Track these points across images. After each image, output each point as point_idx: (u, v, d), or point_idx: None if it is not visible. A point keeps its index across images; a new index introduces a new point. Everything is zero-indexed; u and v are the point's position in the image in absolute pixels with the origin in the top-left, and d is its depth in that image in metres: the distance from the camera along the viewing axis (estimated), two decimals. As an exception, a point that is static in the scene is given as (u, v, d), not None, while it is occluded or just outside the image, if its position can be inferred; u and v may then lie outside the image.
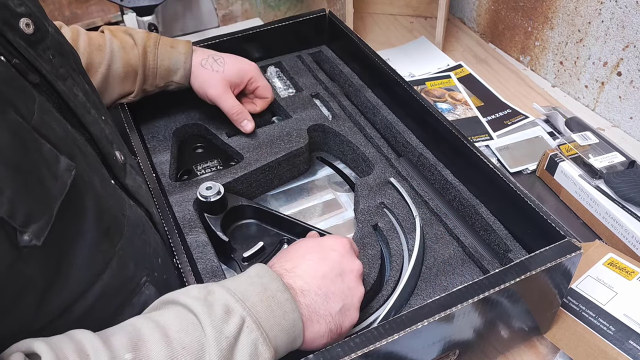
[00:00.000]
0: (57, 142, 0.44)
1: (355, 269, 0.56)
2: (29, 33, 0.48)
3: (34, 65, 0.47)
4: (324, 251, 0.55)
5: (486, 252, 0.69)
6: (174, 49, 0.80)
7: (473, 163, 0.70)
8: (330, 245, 0.57)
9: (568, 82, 1.05)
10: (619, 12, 0.90)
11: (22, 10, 0.48)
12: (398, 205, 0.74)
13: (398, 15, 1.31)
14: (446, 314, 0.50)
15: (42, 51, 0.49)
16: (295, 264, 0.53)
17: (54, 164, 0.42)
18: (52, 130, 0.44)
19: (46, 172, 0.41)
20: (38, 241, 0.40)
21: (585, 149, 0.86)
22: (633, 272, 0.67)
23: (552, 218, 0.61)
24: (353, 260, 0.56)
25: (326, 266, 0.54)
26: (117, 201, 0.52)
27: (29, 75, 0.46)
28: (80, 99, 0.53)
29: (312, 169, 0.87)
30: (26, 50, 0.47)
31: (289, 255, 0.56)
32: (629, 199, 0.76)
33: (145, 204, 0.61)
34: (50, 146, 0.43)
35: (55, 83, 0.50)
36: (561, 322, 0.65)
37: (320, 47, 1.01)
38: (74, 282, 0.45)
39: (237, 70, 0.83)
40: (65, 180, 0.43)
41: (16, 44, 0.46)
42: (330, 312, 0.52)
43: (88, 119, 0.53)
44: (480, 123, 0.99)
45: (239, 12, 1.32)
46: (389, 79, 0.84)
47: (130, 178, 0.59)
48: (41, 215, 0.40)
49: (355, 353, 0.47)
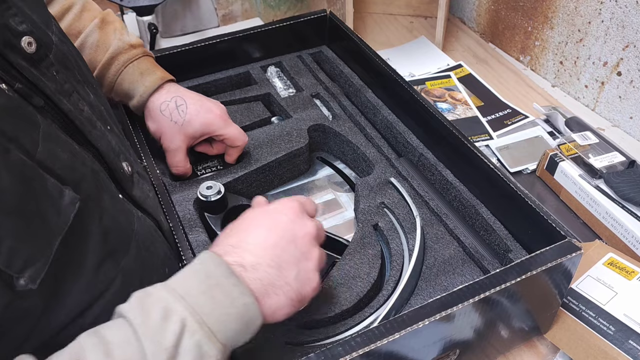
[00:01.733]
0: (63, 172, 0.43)
1: (308, 231, 0.53)
2: (31, 52, 0.46)
3: (37, 86, 0.46)
4: (272, 219, 0.52)
5: (486, 252, 0.69)
6: (142, 77, 0.74)
7: (473, 163, 0.70)
8: (278, 211, 0.53)
9: (568, 82, 1.05)
10: (619, 12, 0.90)
11: (24, 28, 0.45)
12: (398, 205, 0.74)
13: (398, 15, 1.31)
14: (446, 313, 0.50)
15: (46, 69, 0.48)
16: (241, 238, 0.50)
17: (58, 199, 0.41)
18: (57, 159, 0.43)
19: (49, 208, 0.41)
20: (34, 285, 0.39)
21: (585, 148, 0.86)
22: (633, 272, 0.68)
23: (553, 218, 0.61)
24: (304, 222, 0.53)
25: (275, 235, 0.51)
26: (126, 216, 0.52)
27: (33, 99, 0.45)
28: (86, 113, 0.52)
29: (313, 169, 0.87)
30: (29, 71, 0.45)
31: (235, 229, 0.52)
32: (629, 198, 0.77)
33: (153, 212, 0.59)
34: (54, 180, 0.42)
35: (60, 102, 0.48)
36: (561, 322, 0.65)
37: (320, 48, 1.01)
38: (71, 307, 0.44)
39: (198, 124, 0.74)
40: (68, 214, 0.42)
41: (18, 66, 0.44)
42: (286, 282, 0.49)
43: (94, 134, 0.52)
44: (480, 123, 0.99)
45: (239, 12, 1.32)
46: (390, 79, 0.84)
47: (138, 188, 0.58)
48: (39, 257, 0.40)
49: (357, 352, 0.47)
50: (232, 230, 0.52)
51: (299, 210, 0.54)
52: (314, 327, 0.61)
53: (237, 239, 0.50)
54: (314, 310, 0.62)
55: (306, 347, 0.59)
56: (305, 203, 0.56)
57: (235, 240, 0.50)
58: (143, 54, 0.76)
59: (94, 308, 0.46)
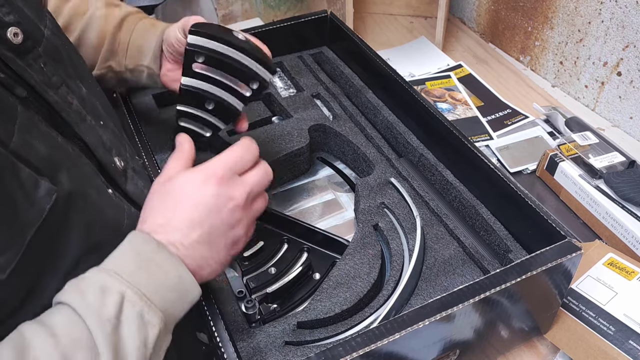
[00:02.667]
0: (39, 163, 0.43)
1: (235, 203, 0.52)
2: (17, 43, 0.46)
3: (22, 77, 0.46)
4: (197, 193, 0.51)
5: (486, 253, 0.69)
6: (153, 28, 0.72)
7: (473, 163, 0.71)
8: (204, 181, 0.51)
9: (568, 82, 1.05)
10: (619, 12, 0.90)
11: (11, 19, 0.46)
12: (398, 206, 0.74)
13: (398, 15, 1.31)
14: (447, 313, 0.50)
15: (33, 60, 0.48)
16: (167, 218, 0.50)
17: (32, 190, 0.41)
18: (33, 150, 0.43)
19: (22, 199, 0.41)
20: (2, 274, 0.39)
21: (585, 149, 0.86)
22: (633, 272, 0.68)
23: (553, 218, 0.61)
24: (230, 191, 0.52)
25: (200, 210, 0.50)
26: (115, 210, 0.52)
27: (16, 90, 0.45)
28: (74, 107, 0.52)
29: (313, 169, 0.87)
30: (14, 61, 0.45)
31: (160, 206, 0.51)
32: (629, 199, 0.77)
33: None
34: (29, 170, 0.41)
35: (45, 93, 0.48)
36: (561, 322, 0.65)
37: (321, 48, 1.01)
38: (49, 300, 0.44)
39: None
40: (43, 205, 0.42)
41: (3, 56, 0.44)
42: (217, 251, 0.51)
43: (82, 127, 0.52)
44: (480, 123, 0.99)
45: (239, 12, 1.32)
46: (390, 80, 0.84)
47: (132, 184, 0.58)
48: (10, 247, 0.40)
49: (357, 352, 0.47)
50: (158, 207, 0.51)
51: (224, 177, 0.52)
52: (314, 327, 0.61)
53: (164, 218, 0.50)
54: (314, 310, 0.62)
55: (306, 347, 0.59)
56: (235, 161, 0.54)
57: (163, 220, 0.50)
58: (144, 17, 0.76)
59: None
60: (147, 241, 0.47)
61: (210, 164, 0.53)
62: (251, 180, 0.54)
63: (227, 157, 0.54)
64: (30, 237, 0.41)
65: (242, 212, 0.53)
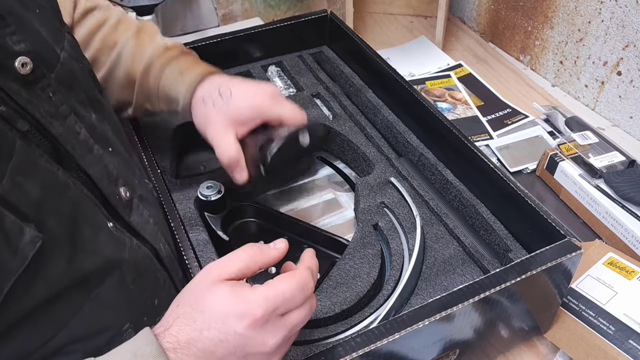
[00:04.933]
0: (27, 209, 0.41)
1: (265, 351, 0.44)
2: (24, 73, 0.43)
3: (26, 109, 0.43)
4: (226, 328, 0.43)
5: (486, 252, 0.69)
6: (182, 76, 0.69)
7: (473, 163, 0.71)
8: (238, 315, 0.44)
9: (568, 82, 1.05)
10: (619, 11, 0.90)
11: (21, 47, 0.43)
12: (398, 205, 0.74)
13: (398, 15, 1.31)
14: (446, 313, 0.50)
15: (41, 90, 0.45)
16: (192, 338, 0.43)
17: (15, 238, 0.39)
18: (23, 194, 0.40)
19: (4, 248, 0.38)
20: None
21: (585, 148, 0.86)
22: (633, 271, 0.68)
23: (552, 218, 0.61)
24: (263, 338, 0.44)
25: (225, 349, 0.43)
26: (114, 246, 0.49)
27: (17, 123, 0.42)
28: (82, 136, 0.49)
29: (313, 169, 0.87)
30: (18, 93, 0.43)
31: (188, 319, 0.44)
32: (629, 198, 0.77)
33: (151, 240, 0.56)
34: (14, 217, 0.39)
35: (50, 126, 0.45)
36: (561, 322, 0.65)
37: (321, 48, 1.01)
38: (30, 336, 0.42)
39: (246, 107, 0.67)
40: (26, 253, 0.40)
41: (6, 88, 0.42)
42: None
43: (88, 159, 0.49)
44: (480, 122, 0.99)
45: (239, 12, 1.32)
46: (390, 79, 0.84)
47: (137, 214, 0.55)
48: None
49: (357, 352, 0.47)
50: (190, 320, 0.44)
51: (262, 318, 0.44)
52: (314, 327, 0.61)
53: (187, 337, 0.43)
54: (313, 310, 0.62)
55: (306, 347, 0.59)
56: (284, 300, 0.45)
57: (185, 338, 0.43)
58: (181, 53, 0.72)
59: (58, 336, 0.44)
60: (149, 343, 0.42)
61: (255, 296, 0.44)
62: (292, 322, 0.46)
63: (277, 297, 0.45)
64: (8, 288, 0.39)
65: (271, 356, 0.45)
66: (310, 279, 0.47)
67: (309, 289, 0.47)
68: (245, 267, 0.47)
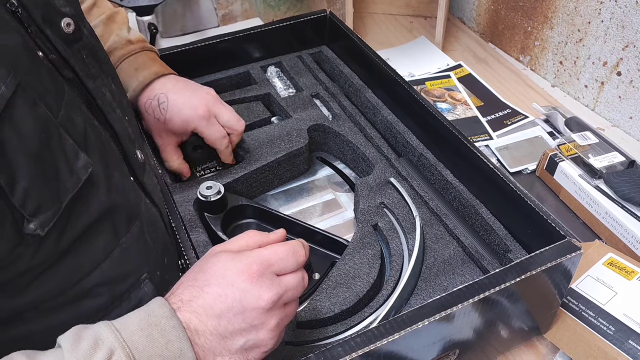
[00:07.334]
0: (79, 139, 0.46)
1: (261, 305, 0.47)
2: (68, 32, 0.50)
3: (68, 62, 0.50)
4: (226, 281, 0.47)
5: (486, 253, 0.69)
6: (136, 72, 0.73)
7: (473, 163, 0.71)
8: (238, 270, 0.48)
9: (568, 82, 1.05)
10: (619, 12, 0.90)
11: (67, 10, 0.50)
12: (398, 206, 0.74)
13: (398, 15, 1.31)
14: (446, 314, 0.50)
15: (78, 50, 0.52)
16: (193, 295, 0.47)
17: (73, 160, 0.45)
18: (76, 126, 0.46)
19: (64, 166, 0.44)
20: (42, 231, 0.42)
21: (585, 149, 0.86)
22: (633, 272, 0.68)
23: (552, 218, 0.61)
24: (261, 292, 0.47)
25: (223, 304, 0.46)
26: (136, 197, 0.55)
27: (64, 71, 0.49)
28: (107, 98, 0.55)
29: (313, 169, 0.87)
30: (63, 48, 0.49)
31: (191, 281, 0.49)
32: (629, 199, 0.77)
33: (159, 204, 0.61)
34: (73, 142, 0.45)
35: (86, 81, 0.52)
36: (561, 322, 0.65)
37: (320, 48, 1.01)
38: (71, 269, 0.47)
39: (179, 122, 0.73)
40: (80, 176, 0.45)
41: (54, 42, 0.48)
42: (229, 350, 0.47)
43: (113, 117, 0.55)
44: (480, 123, 0.99)
45: (239, 12, 1.32)
46: (390, 80, 0.84)
47: (149, 177, 0.61)
48: (50, 207, 0.43)
49: (357, 352, 0.47)
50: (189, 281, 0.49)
51: (259, 274, 0.48)
52: (314, 327, 0.61)
53: (190, 295, 0.47)
54: (313, 311, 0.62)
55: (306, 347, 0.59)
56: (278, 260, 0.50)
57: (188, 297, 0.47)
58: (142, 50, 0.75)
59: (92, 276, 0.49)
60: (162, 306, 0.45)
61: (252, 254, 0.49)
62: (287, 284, 0.49)
63: (271, 255, 0.50)
64: (66, 204, 0.44)
65: (268, 315, 0.48)
66: (302, 248, 0.52)
67: (301, 256, 0.51)
68: (245, 244, 0.52)
